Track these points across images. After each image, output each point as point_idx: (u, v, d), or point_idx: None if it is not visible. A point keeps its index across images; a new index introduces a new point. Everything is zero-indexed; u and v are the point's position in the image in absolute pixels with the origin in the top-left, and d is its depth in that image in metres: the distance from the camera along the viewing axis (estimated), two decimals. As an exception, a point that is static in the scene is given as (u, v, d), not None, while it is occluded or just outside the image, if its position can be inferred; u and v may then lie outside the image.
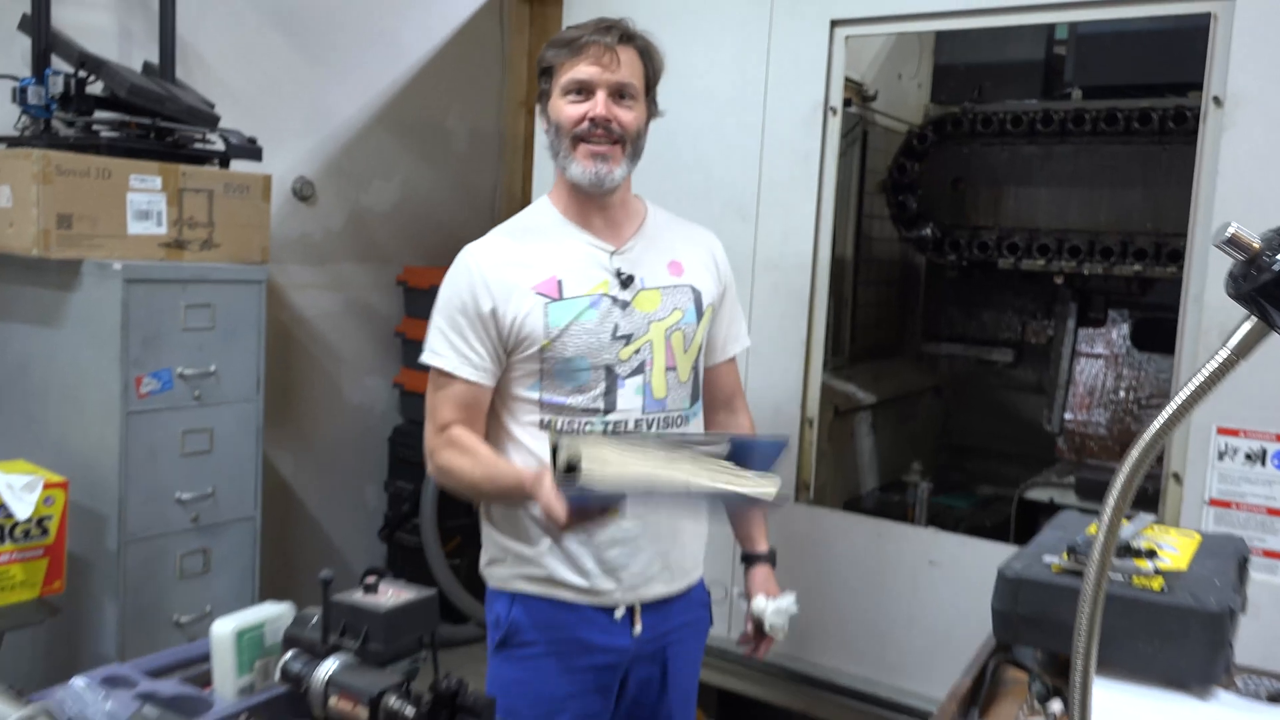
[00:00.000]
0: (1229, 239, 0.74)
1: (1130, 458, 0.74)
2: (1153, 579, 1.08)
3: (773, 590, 2.01)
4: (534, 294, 1.78)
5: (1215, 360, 0.75)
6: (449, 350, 1.80)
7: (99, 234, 2.85)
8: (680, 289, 1.89)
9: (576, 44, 1.77)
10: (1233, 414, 2.11)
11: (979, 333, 3.44)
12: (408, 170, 4.40)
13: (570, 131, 1.78)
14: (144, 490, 2.85)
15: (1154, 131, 2.81)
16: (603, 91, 1.76)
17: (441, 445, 1.82)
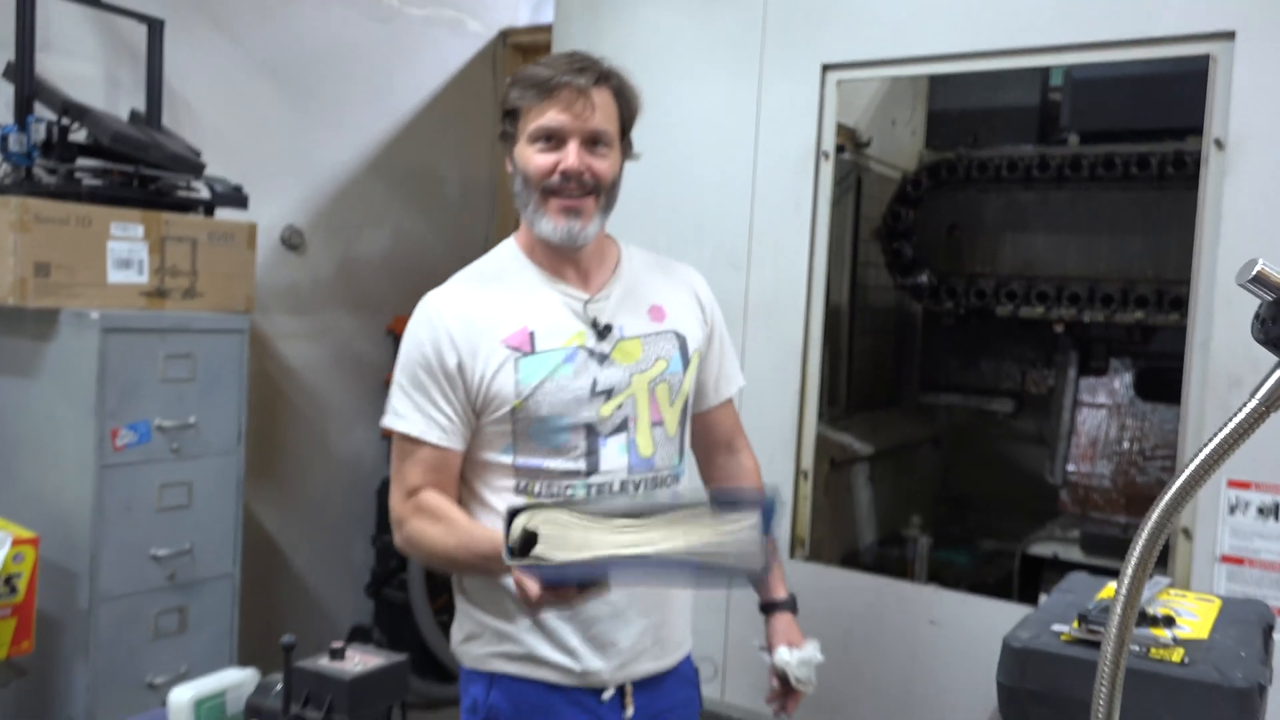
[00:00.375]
0: (1255, 277, 0.67)
1: (1150, 520, 0.66)
2: (1172, 650, 1.00)
3: (796, 640, 1.87)
4: (503, 348, 1.63)
5: (1242, 412, 0.68)
6: (413, 412, 1.65)
7: (77, 283, 2.79)
8: (663, 336, 1.74)
9: (546, 86, 1.61)
10: (1244, 466, 2.03)
11: (978, 382, 3.36)
12: (399, 218, 4.36)
13: (540, 184, 1.63)
14: (118, 546, 2.75)
15: (1153, 177, 2.76)
16: (575, 140, 1.61)
17: (409, 513, 1.65)
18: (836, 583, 2.54)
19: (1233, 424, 0.68)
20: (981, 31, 2.33)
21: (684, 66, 2.69)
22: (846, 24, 2.50)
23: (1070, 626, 1.03)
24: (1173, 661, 0.98)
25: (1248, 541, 2.01)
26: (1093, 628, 0.99)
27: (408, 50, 4.33)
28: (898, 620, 2.43)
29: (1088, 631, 1.00)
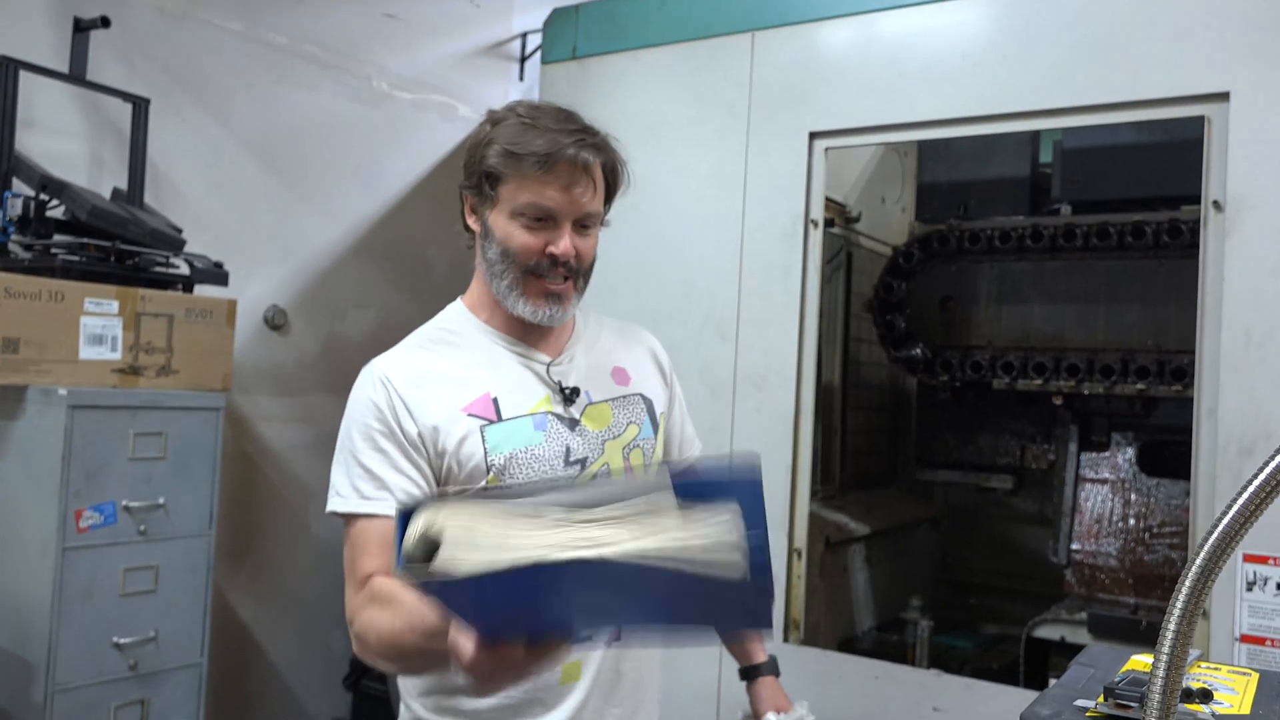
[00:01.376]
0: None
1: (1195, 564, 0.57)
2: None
3: (783, 704, 1.74)
4: (465, 416, 1.45)
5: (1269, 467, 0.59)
6: (363, 482, 1.44)
7: (47, 359, 2.70)
8: (630, 400, 1.61)
9: (547, 160, 1.43)
10: (1259, 540, 1.93)
11: (976, 458, 3.27)
12: (385, 300, 4.30)
13: (523, 264, 1.48)
14: (77, 634, 2.61)
15: (1148, 245, 2.72)
16: (567, 224, 1.46)
17: (361, 605, 1.41)
18: (834, 667, 2.41)
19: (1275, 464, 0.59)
20: (972, 96, 2.31)
21: (671, 136, 2.66)
22: (833, 91, 2.48)
23: (1096, 702, 0.93)
24: (1215, 741, 0.88)
25: (1268, 620, 1.89)
26: (1122, 702, 0.89)
27: (397, 133, 4.34)
28: (900, 707, 2.29)
29: (1116, 706, 0.90)
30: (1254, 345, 1.96)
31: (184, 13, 3.51)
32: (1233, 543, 0.57)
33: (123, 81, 3.30)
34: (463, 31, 4.60)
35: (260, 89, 3.78)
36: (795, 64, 2.54)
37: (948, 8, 2.38)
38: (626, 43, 2.77)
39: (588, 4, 2.88)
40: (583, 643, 1.07)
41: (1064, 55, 2.22)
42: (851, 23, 2.50)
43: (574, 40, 2.84)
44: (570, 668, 1.51)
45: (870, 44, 2.47)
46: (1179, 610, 0.54)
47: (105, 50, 3.27)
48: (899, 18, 2.45)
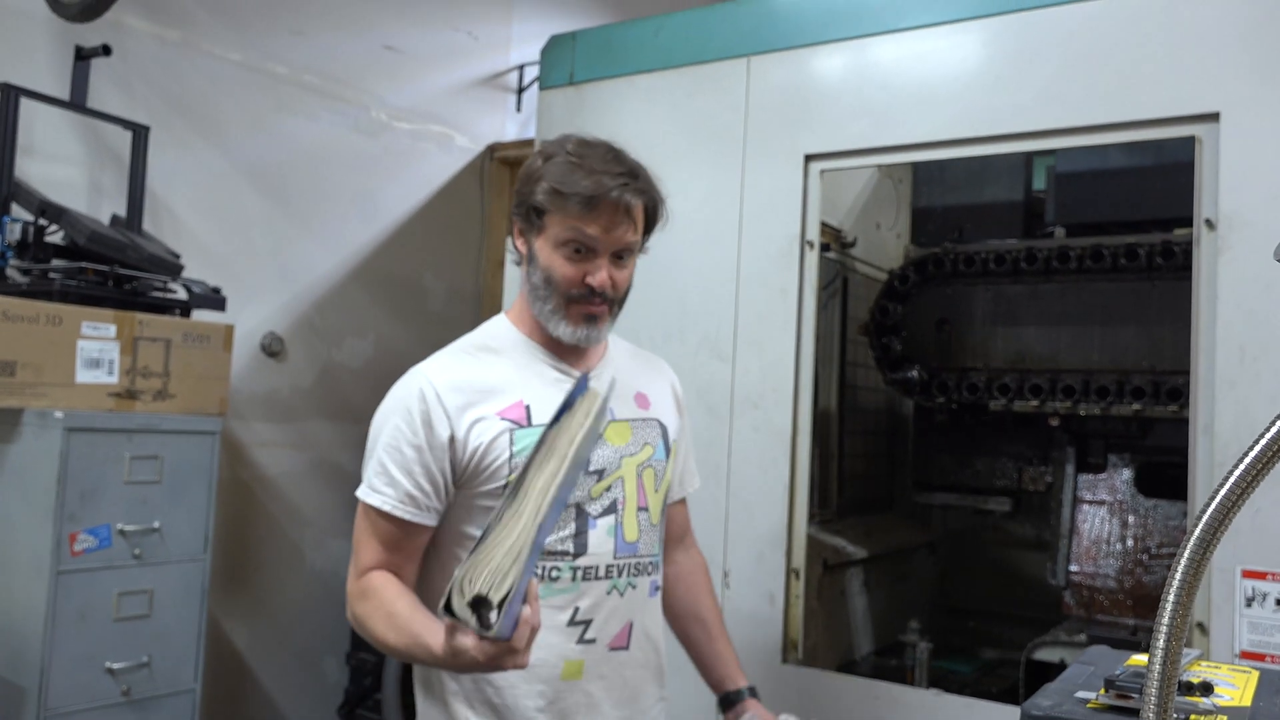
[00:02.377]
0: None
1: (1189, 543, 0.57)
2: (1215, 716, 0.89)
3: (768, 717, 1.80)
4: (499, 420, 1.58)
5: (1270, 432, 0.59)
6: (388, 487, 1.56)
7: (44, 382, 2.70)
8: (649, 423, 1.74)
9: (591, 201, 1.56)
10: (1258, 555, 1.93)
11: (973, 481, 3.26)
12: (382, 328, 4.31)
13: (564, 291, 1.61)
14: (70, 658, 2.60)
15: (1142, 267, 2.74)
16: (606, 256, 1.60)
17: (357, 593, 1.58)
18: (832, 688, 2.39)
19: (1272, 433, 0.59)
20: (964, 118, 2.33)
21: (668, 160, 2.68)
22: (828, 115, 2.51)
23: (1097, 694, 0.92)
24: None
25: (1268, 636, 1.89)
26: (1124, 693, 0.89)
27: (395, 163, 4.37)
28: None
29: (1117, 697, 0.90)
30: (1248, 361, 1.97)
31: (185, 42, 3.55)
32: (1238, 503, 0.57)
33: (123, 109, 3.32)
34: (461, 63, 4.65)
35: (259, 118, 3.81)
36: (790, 88, 2.57)
37: (940, 32, 2.42)
38: (623, 68, 2.80)
39: (585, 30, 2.92)
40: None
41: (1055, 77, 2.25)
42: (846, 47, 2.53)
43: (571, 66, 2.87)
44: (572, 666, 1.60)
45: (864, 68, 2.50)
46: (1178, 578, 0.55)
47: (106, 78, 3.31)
48: (892, 42, 2.48)
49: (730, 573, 2.51)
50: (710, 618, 1.89)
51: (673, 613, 1.87)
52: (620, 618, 1.65)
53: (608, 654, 1.63)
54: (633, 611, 1.67)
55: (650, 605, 1.72)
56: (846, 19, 2.55)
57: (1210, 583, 1.96)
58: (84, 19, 3.06)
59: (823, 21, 2.57)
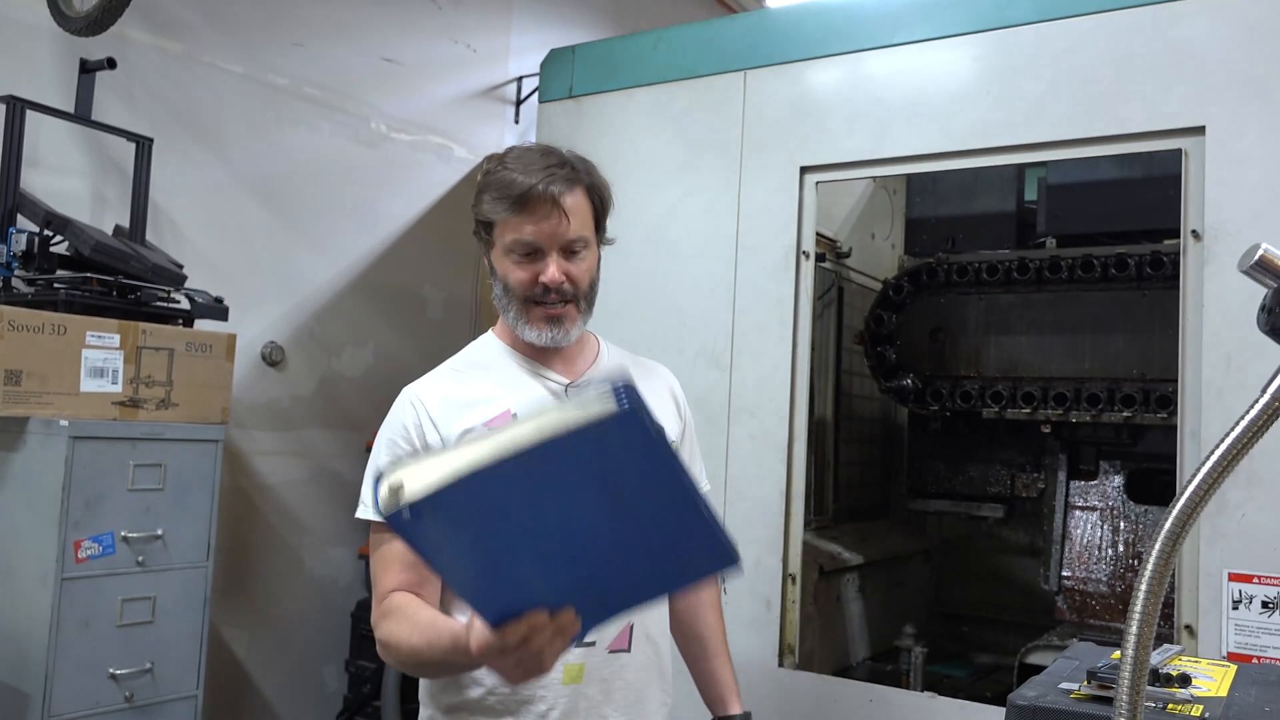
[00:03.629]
0: (1258, 262, 0.64)
1: (1163, 529, 0.61)
2: (1192, 706, 0.93)
3: None
4: (485, 430, 1.55)
5: (1256, 407, 0.64)
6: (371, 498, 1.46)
7: (49, 391, 2.73)
8: None
9: (519, 200, 1.57)
10: (1244, 559, 1.97)
11: (967, 488, 3.30)
12: (381, 338, 4.34)
13: (521, 295, 1.61)
14: (74, 664, 2.61)
15: (1132, 277, 2.78)
16: (552, 253, 1.59)
17: (380, 617, 1.58)
18: (828, 691, 2.42)
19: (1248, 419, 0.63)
20: (956, 132, 2.38)
21: (666, 172, 2.73)
22: (823, 128, 2.55)
23: (1080, 685, 0.96)
24: (1193, 716, 0.91)
25: (1254, 638, 1.93)
26: (1105, 684, 0.93)
27: (394, 174, 4.40)
28: (894, 730, 2.31)
29: (1099, 688, 0.93)
30: (1234, 369, 2.01)
31: (187, 55, 3.58)
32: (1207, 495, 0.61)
33: (126, 121, 3.35)
34: (459, 75, 4.69)
35: (261, 129, 3.85)
36: (786, 102, 2.62)
37: (933, 47, 2.46)
38: (622, 82, 2.85)
39: (584, 44, 2.97)
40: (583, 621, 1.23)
41: (1045, 91, 2.30)
42: (840, 62, 2.57)
43: (570, 79, 2.92)
44: (572, 669, 1.59)
45: (858, 82, 2.54)
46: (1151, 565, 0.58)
47: (110, 91, 3.34)
48: (886, 57, 2.53)
49: (728, 577, 2.54)
50: (709, 635, 1.85)
51: (673, 627, 1.84)
52: (620, 619, 1.62)
53: (608, 657, 1.62)
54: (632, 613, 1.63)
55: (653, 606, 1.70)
56: (841, 34, 2.59)
57: (1198, 586, 2.00)
58: (88, 33, 3.09)
59: (818, 36, 2.62)
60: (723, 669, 1.83)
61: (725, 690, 1.82)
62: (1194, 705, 0.94)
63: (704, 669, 1.84)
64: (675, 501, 1.12)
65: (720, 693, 1.82)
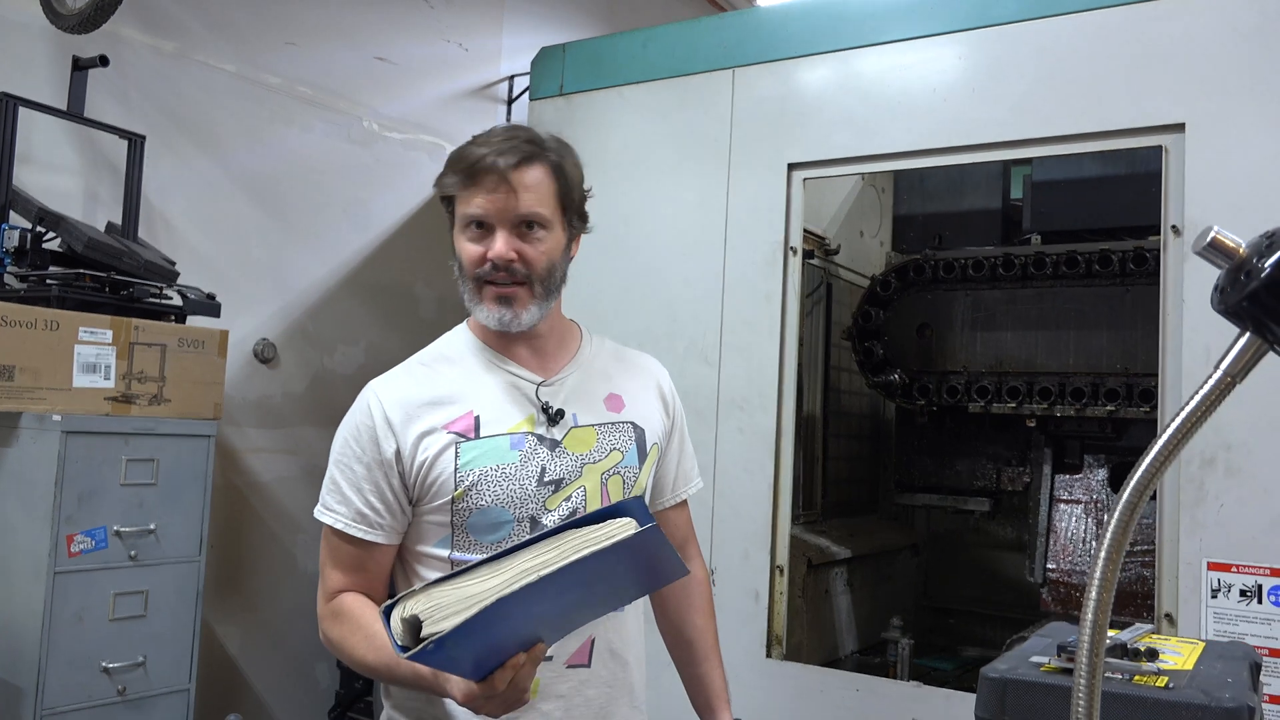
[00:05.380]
0: (1210, 244, 0.67)
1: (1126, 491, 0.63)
2: (1157, 678, 0.96)
3: None
4: (445, 433, 1.51)
5: (1209, 383, 0.66)
6: (340, 505, 1.51)
7: (41, 386, 2.74)
8: (620, 426, 1.62)
9: (470, 171, 1.49)
10: (1222, 548, 2.00)
11: (954, 482, 3.34)
12: (373, 335, 4.36)
13: (471, 272, 1.53)
14: (67, 658, 2.63)
15: (1115, 274, 2.82)
16: (503, 229, 1.50)
17: (328, 616, 1.53)
18: (815, 681, 2.45)
19: (1200, 394, 0.66)
20: (942, 129, 2.41)
21: (655, 169, 2.75)
22: (811, 125, 2.58)
23: (1050, 658, 0.99)
24: (1158, 686, 0.94)
25: (1232, 626, 1.96)
26: (1074, 656, 0.95)
27: (387, 173, 4.42)
28: (879, 718, 2.34)
29: (1068, 660, 0.96)
30: (1213, 361, 2.04)
31: (180, 53, 3.60)
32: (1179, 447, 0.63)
33: (119, 119, 3.37)
34: (452, 74, 4.71)
35: (253, 128, 3.86)
36: (774, 99, 2.65)
37: (919, 45, 2.49)
38: (612, 79, 2.88)
39: (575, 42, 2.99)
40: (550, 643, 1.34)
41: (1029, 89, 2.33)
42: (828, 60, 2.60)
43: (561, 77, 2.95)
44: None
45: (846, 80, 2.57)
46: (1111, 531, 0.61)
47: (103, 89, 3.35)
48: (873, 55, 2.56)
49: (716, 570, 2.57)
50: (699, 639, 1.78)
51: (662, 631, 1.80)
52: (579, 634, 1.54)
53: (565, 671, 1.54)
54: (594, 627, 1.56)
55: (616, 621, 1.61)
56: (829, 32, 2.62)
57: (1178, 575, 2.04)
58: (81, 30, 3.11)
59: (806, 35, 2.65)
60: (712, 674, 1.76)
61: (714, 697, 1.75)
62: (1160, 677, 0.96)
63: (692, 674, 1.77)
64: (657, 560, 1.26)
65: (708, 699, 1.76)
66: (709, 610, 1.81)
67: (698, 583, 1.80)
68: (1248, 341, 0.67)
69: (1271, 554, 1.96)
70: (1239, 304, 0.66)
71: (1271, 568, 1.95)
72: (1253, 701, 0.91)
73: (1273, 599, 1.93)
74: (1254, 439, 2.00)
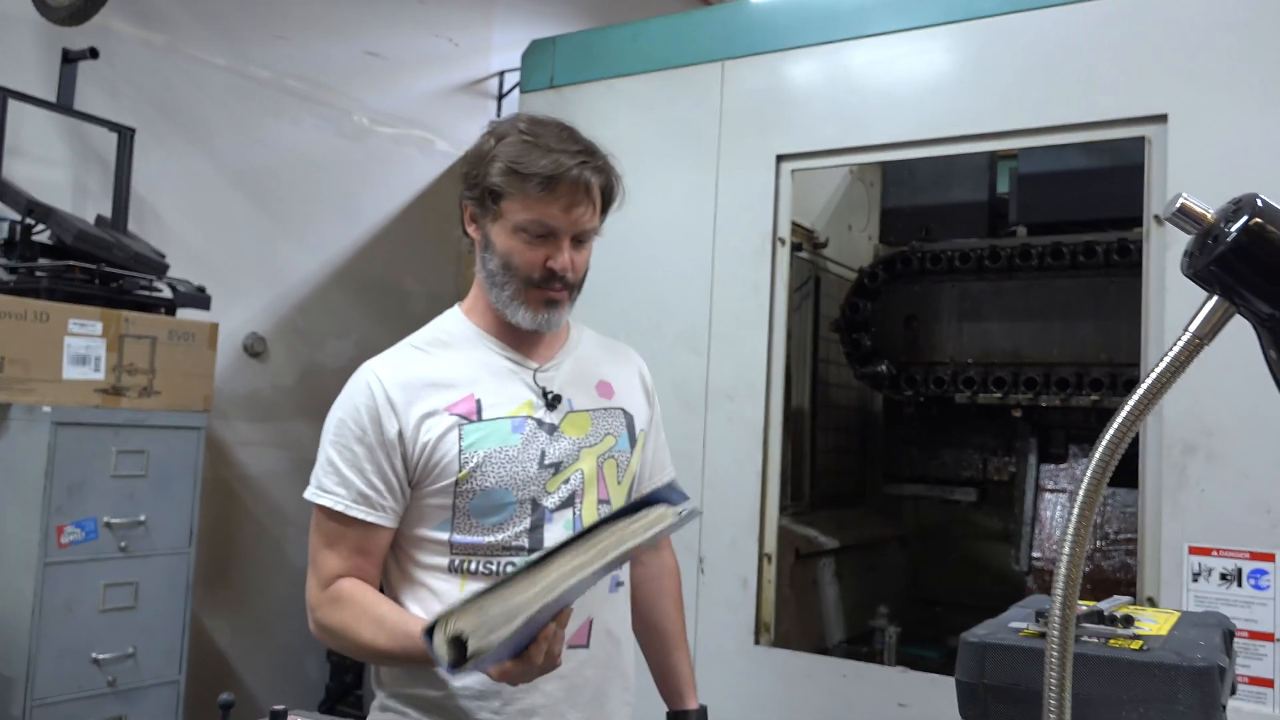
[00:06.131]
0: (1179, 210, 0.69)
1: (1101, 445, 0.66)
2: (1131, 641, 0.98)
3: None
4: (448, 415, 1.51)
5: (1178, 344, 0.69)
6: (339, 487, 1.49)
7: (32, 378, 2.75)
8: (611, 412, 1.65)
9: (550, 181, 1.47)
10: (1203, 532, 2.03)
11: (940, 472, 3.36)
12: (363, 329, 4.37)
13: (525, 276, 1.53)
14: (57, 649, 2.64)
15: (1099, 265, 2.85)
16: (568, 239, 1.52)
17: (326, 602, 1.50)
18: (803, 667, 2.47)
19: (1170, 355, 0.68)
20: (929, 120, 2.43)
21: (645, 161, 2.77)
22: (799, 117, 2.60)
23: (1029, 624, 1.01)
24: (1131, 648, 0.96)
25: (1213, 609, 1.98)
26: (1051, 621, 0.97)
27: (377, 167, 4.43)
28: (867, 704, 2.36)
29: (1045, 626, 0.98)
30: (1195, 349, 2.06)
31: (170, 47, 3.61)
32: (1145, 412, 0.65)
33: (109, 112, 3.37)
34: (442, 69, 4.72)
35: (243, 122, 3.87)
36: (763, 91, 2.67)
37: (907, 38, 2.52)
38: (602, 72, 2.90)
39: (565, 35, 3.01)
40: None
41: (1015, 81, 2.36)
42: (817, 52, 2.63)
43: (552, 70, 2.96)
44: None
45: (834, 72, 2.60)
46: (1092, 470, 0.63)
47: (92, 82, 3.35)
48: (861, 48, 2.58)
49: (705, 559, 2.59)
50: (669, 628, 1.79)
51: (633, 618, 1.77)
52: (579, 614, 1.53)
53: (565, 652, 1.48)
54: (591, 608, 1.57)
55: (611, 602, 1.63)
56: (818, 25, 2.64)
57: (1160, 559, 2.06)
58: (71, 23, 3.11)
59: (795, 27, 2.67)
60: (681, 663, 1.77)
61: (682, 684, 1.76)
62: (1134, 640, 0.99)
63: (661, 662, 1.78)
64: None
65: (677, 686, 1.76)
66: (679, 599, 1.82)
67: (670, 571, 1.82)
68: (1215, 304, 0.69)
69: (1251, 538, 1.99)
70: (1206, 268, 0.68)
71: (1251, 551, 1.98)
72: (1224, 662, 0.93)
73: (1252, 582, 1.96)
74: (1234, 425, 2.03)
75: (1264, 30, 2.09)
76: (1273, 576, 1.95)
